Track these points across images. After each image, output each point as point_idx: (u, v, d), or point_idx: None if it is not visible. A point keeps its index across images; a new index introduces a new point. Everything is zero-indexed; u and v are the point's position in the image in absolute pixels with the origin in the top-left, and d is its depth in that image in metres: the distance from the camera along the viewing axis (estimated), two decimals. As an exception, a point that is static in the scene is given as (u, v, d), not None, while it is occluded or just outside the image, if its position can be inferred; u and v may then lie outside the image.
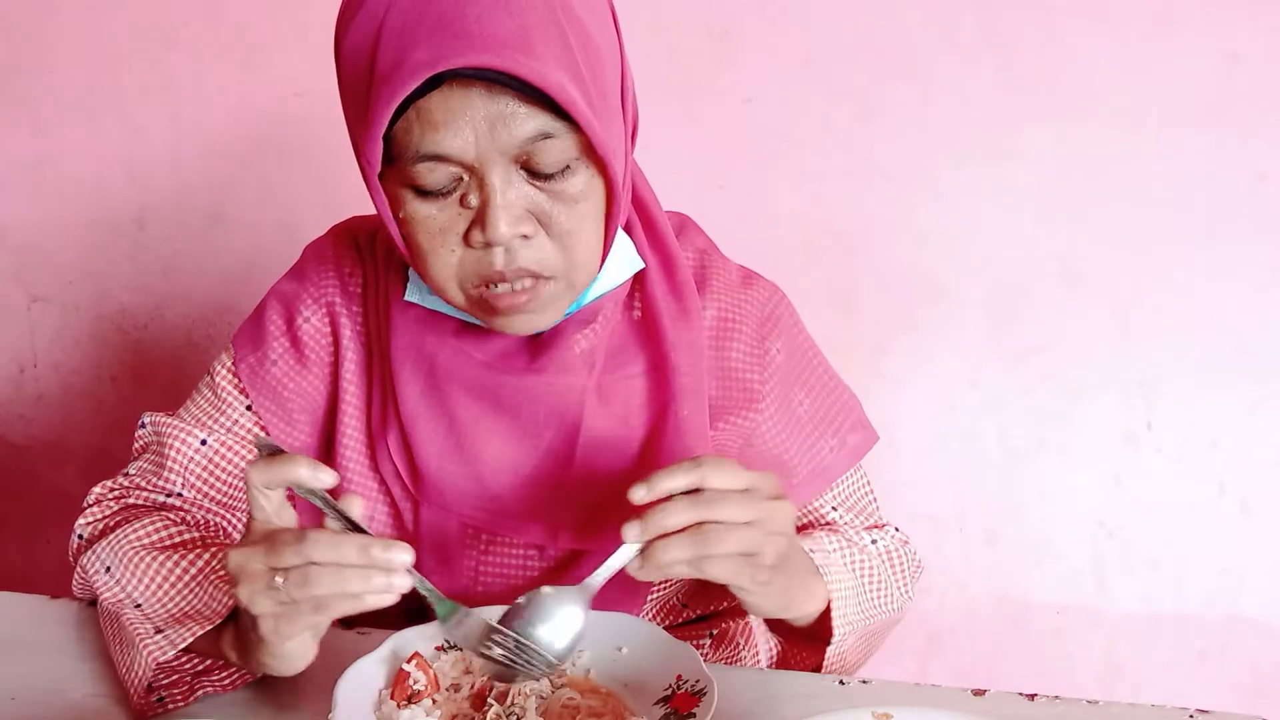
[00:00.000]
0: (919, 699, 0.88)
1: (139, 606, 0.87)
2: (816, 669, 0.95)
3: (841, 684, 0.90)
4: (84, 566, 0.94)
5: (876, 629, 0.99)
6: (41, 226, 1.87)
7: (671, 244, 0.97)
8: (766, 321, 1.00)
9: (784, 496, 0.80)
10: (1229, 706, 0.87)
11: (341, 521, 0.75)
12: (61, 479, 1.95)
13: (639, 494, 0.75)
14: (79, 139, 1.82)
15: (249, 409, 1.00)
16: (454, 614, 0.78)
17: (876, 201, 1.62)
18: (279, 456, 0.74)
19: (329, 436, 0.99)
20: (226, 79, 1.75)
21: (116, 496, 1.00)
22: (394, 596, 0.72)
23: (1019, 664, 1.72)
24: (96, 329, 1.90)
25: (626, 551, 0.76)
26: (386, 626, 0.92)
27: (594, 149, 0.81)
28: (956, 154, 1.58)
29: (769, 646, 1.07)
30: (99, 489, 1.00)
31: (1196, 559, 1.64)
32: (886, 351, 1.66)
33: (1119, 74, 1.53)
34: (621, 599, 0.92)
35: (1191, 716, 0.83)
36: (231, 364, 1.00)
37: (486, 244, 0.82)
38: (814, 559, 0.91)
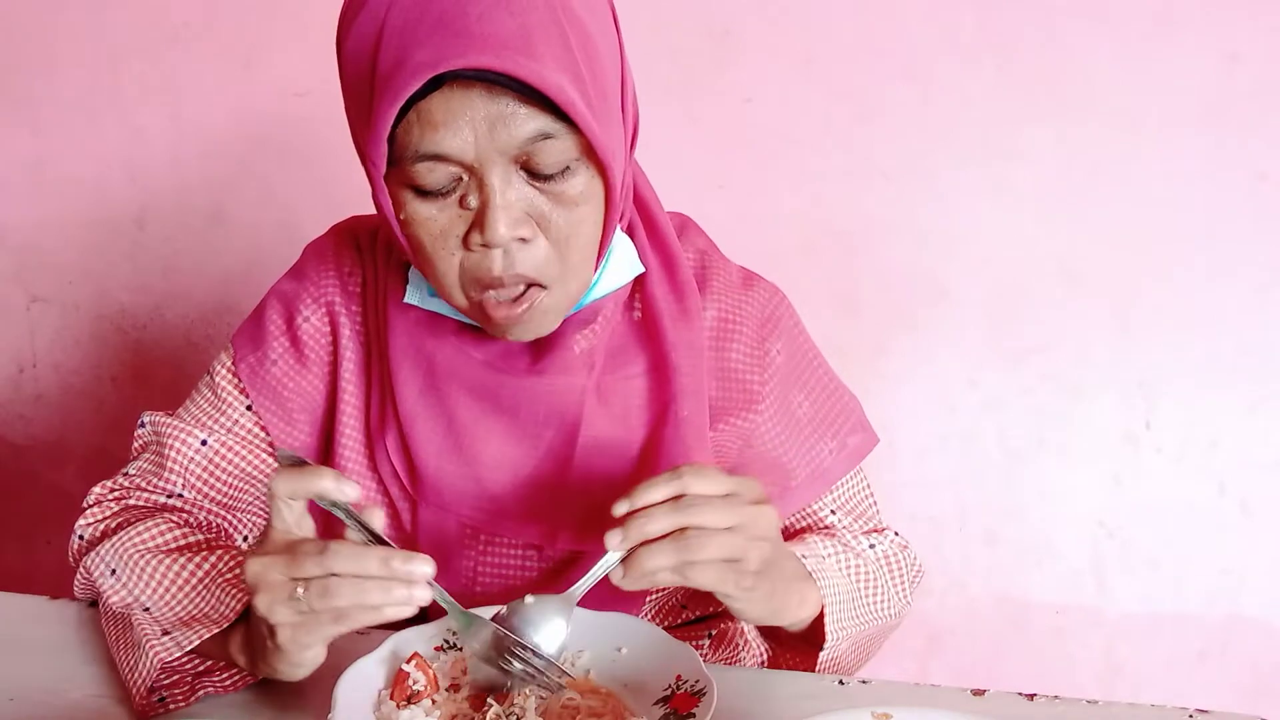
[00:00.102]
0: (919, 699, 0.88)
1: (147, 610, 0.88)
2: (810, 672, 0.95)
3: (841, 684, 0.89)
4: (87, 568, 0.94)
5: (873, 634, 0.98)
6: (41, 226, 1.87)
7: (673, 244, 0.97)
8: (767, 323, 1.00)
9: (767, 501, 0.80)
10: (1229, 706, 0.87)
11: (363, 533, 0.75)
12: (61, 479, 1.95)
13: (621, 507, 0.75)
14: (79, 139, 1.82)
15: (249, 409, 0.99)
16: (474, 626, 0.78)
17: (876, 201, 1.62)
18: (304, 468, 0.75)
19: (328, 436, 0.99)
20: (226, 79, 1.75)
21: (117, 498, 1.00)
22: (413, 609, 0.72)
23: (1019, 664, 1.72)
24: (96, 329, 1.90)
25: (610, 560, 0.76)
26: (386, 627, 0.92)
27: (594, 150, 0.81)
28: (956, 154, 1.59)
29: (760, 651, 1.07)
30: (99, 489, 1.00)
31: (1196, 559, 1.64)
32: (886, 351, 1.66)
33: (1119, 74, 1.53)
34: (620, 600, 0.92)
35: (1191, 716, 0.83)
36: (231, 363, 1.00)
37: (484, 245, 0.81)
38: (806, 564, 0.90)
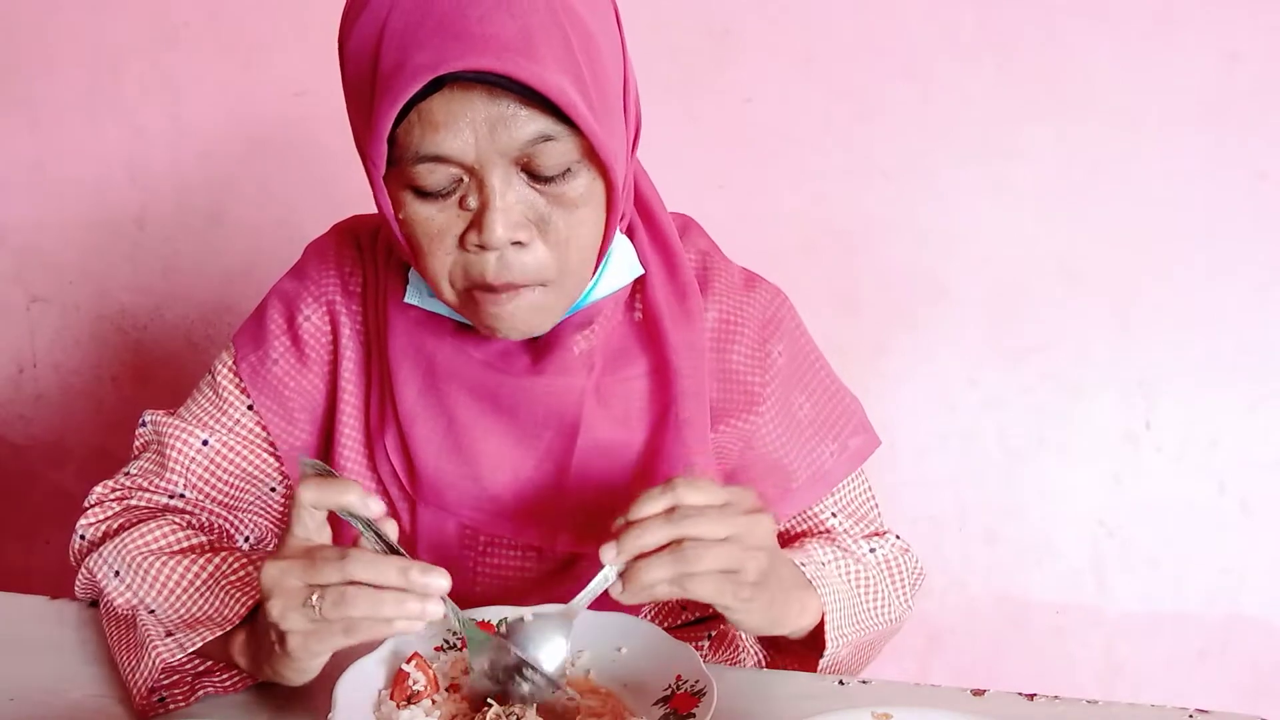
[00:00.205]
0: (919, 699, 0.88)
1: (152, 612, 0.88)
2: None
3: (841, 684, 0.89)
4: (90, 569, 0.94)
5: (873, 639, 0.98)
6: (41, 226, 1.87)
7: (675, 245, 0.97)
8: (768, 324, 0.99)
9: (762, 510, 0.79)
10: (1229, 706, 0.87)
11: (378, 543, 0.75)
12: (61, 479, 1.95)
13: (619, 525, 0.75)
14: (79, 139, 1.82)
15: (250, 408, 0.99)
16: (486, 646, 0.78)
17: (876, 201, 1.62)
18: (331, 480, 0.75)
19: (328, 436, 0.99)
20: (226, 79, 1.75)
21: (119, 498, 1.00)
22: (423, 624, 0.72)
23: (1019, 664, 1.72)
24: (96, 329, 1.90)
25: (608, 574, 0.76)
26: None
27: (595, 152, 0.80)
28: (956, 153, 1.58)
29: (758, 653, 1.07)
30: (100, 489, 1.00)
31: (1196, 558, 1.64)
32: (886, 351, 1.66)
33: (1119, 74, 1.53)
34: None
35: (1191, 716, 0.83)
36: (232, 363, 1.00)
37: (481, 247, 0.81)
38: (805, 571, 0.90)
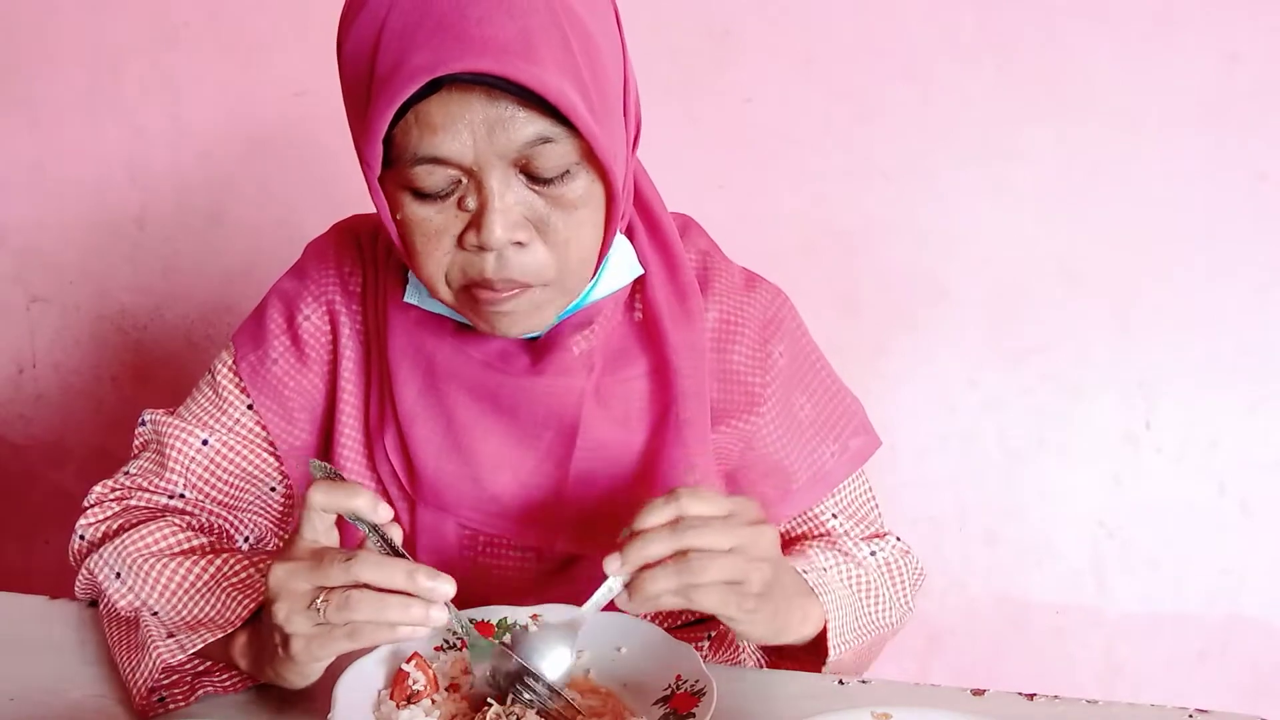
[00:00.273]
0: (919, 699, 0.88)
1: (155, 614, 0.88)
2: None
3: (841, 684, 0.89)
4: (90, 570, 0.94)
5: (874, 642, 0.99)
6: (41, 226, 1.87)
7: (675, 245, 0.97)
8: (769, 324, 0.99)
9: (765, 521, 0.80)
10: (1229, 706, 0.86)
11: (383, 546, 0.75)
12: (61, 479, 1.95)
13: (624, 536, 0.76)
14: (79, 139, 1.82)
15: (250, 408, 0.99)
16: (489, 653, 0.79)
17: (876, 201, 1.62)
18: (341, 484, 0.75)
19: (328, 436, 0.99)
20: (226, 79, 1.75)
21: (118, 498, 1.00)
22: (426, 631, 0.72)
23: (1019, 664, 1.72)
24: (96, 329, 1.90)
25: (611, 585, 0.77)
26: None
27: (594, 154, 0.80)
28: (956, 154, 1.58)
29: (757, 654, 1.07)
30: (99, 488, 1.00)
31: (1196, 559, 1.64)
32: (886, 351, 1.66)
33: (1119, 74, 1.53)
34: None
35: (1191, 716, 0.83)
36: (232, 362, 1.00)
37: (480, 247, 0.81)
38: (807, 579, 0.90)
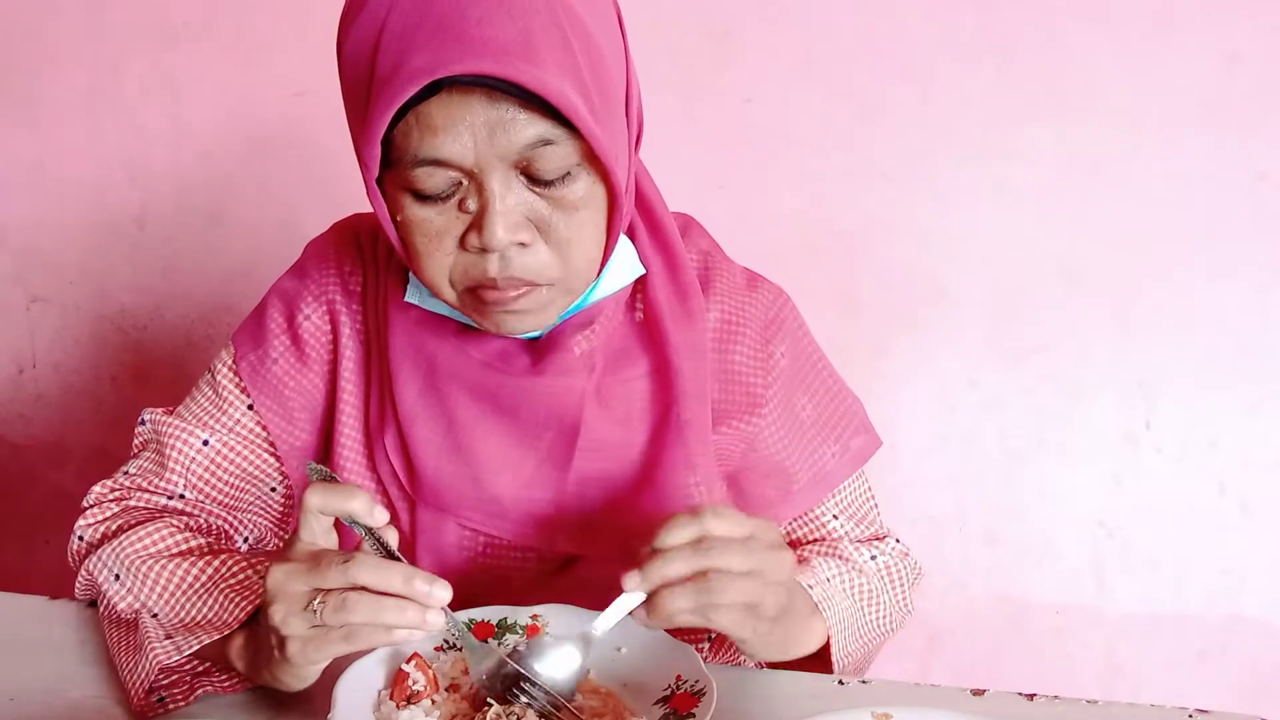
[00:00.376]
0: (919, 699, 0.88)
1: (155, 616, 0.88)
2: None
3: (841, 684, 0.89)
4: (90, 571, 0.94)
5: (872, 647, 0.99)
6: (41, 226, 1.87)
7: (677, 245, 0.96)
8: (771, 325, 0.99)
9: (784, 546, 0.80)
10: (1229, 706, 0.86)
11: (381, 550, 0.75)
12: (61, 479, 1.95)
13: (646, 552, 0.76)
14: (79, 139, 1.82)
15: (250, 408, 0.99)
16: (485, 657, 0.79)
17: (877, 201, 1.62)
18: (338, 486, 0.75)
19: (328, 436, 0.99)
20: (226, 79, 1.75)
21: (117, 498, 1.00)
22: (422, 634, 0.72)
23: (1019, 664, 1.72)
24: (96, 329, 1.90)
25: (629, 600, 0.77)
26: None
27: (596, 155, 0.80)
28: (956, 154, 1.58)
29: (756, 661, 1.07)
30: (99, 488, 1.00)
31: (1196, 559, 1.64)
32: (887, 352, 1.66)
33: (1119, 74, 1.53)
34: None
35: (1191, 716, 0.83)
36: (232, 362, 1.00)
37: (482, 249, 0.81)
38: (812, 593, 0.91)
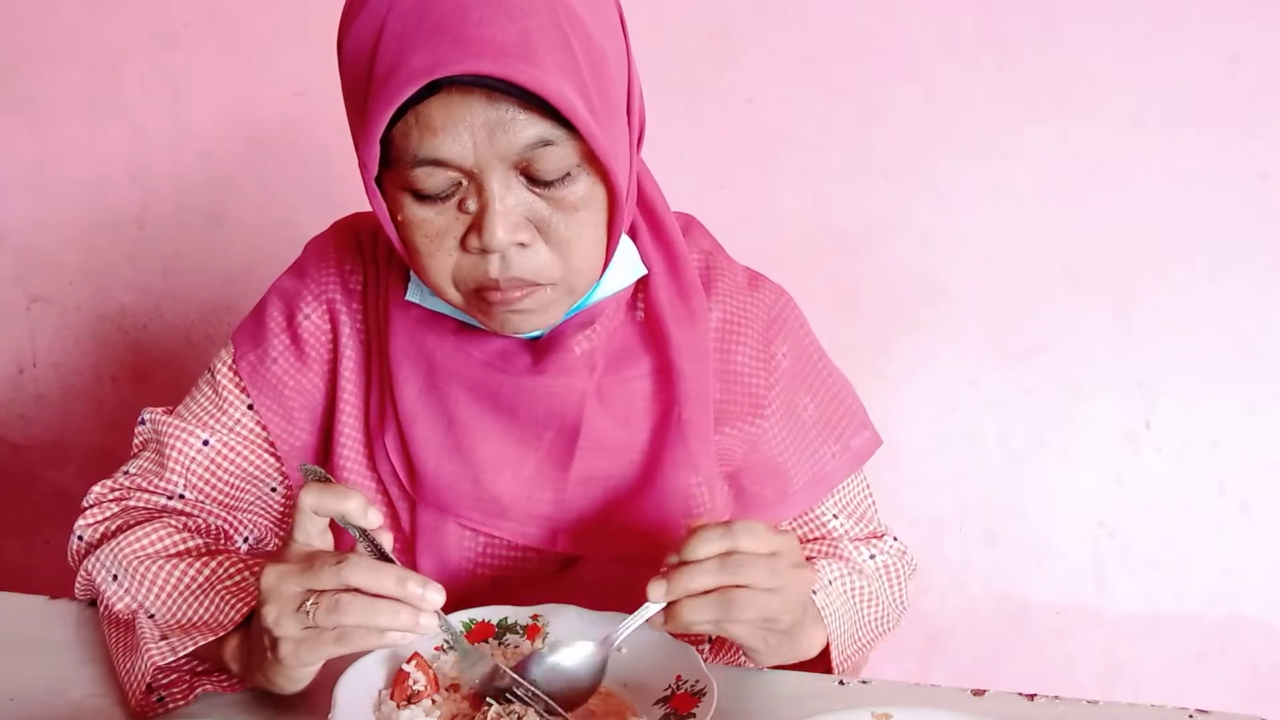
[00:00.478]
0: (919, 699, 0.88)
1: (152, 616, 0.88)
2: None
3: (841, 684, 0.89)
4: (89, 571, 0.94)
5: (869, 646, 0.99)
6: (41, 226, 1.87)
7: (678, 245, 0.96)
8: (772, 325, 0.99)
9: (806, 564, 0.81)
10: (1229, 706, 0.86)
11: (374, 552, 0.75)
12: (61, 479, 1.95)
13: (672, 563, 0.76)
14: (79, 139, 1.82)
15: (250, 408, 0.99)
16: (477, 660, 0.79)
17: (877, 201, 1.62)
18: (333, 487, 0.75)
19: (328, 435, 0.99)
20: (226, 79, 1.75)
21: (117, 498, 0.99)
22: (415, 637, 0.72)
23: (1019, 664, 1.72)
24: (96, 329, 1.90)
25: (650, 609, 0.77)
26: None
27: (596, 156, 0.79)
28: (957, 154, 1.58)
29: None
30: (98, 488, 1.00)
31: (1196, 559, 1.64)
32: (887, 351, 1.66)
33: (1119, 74, 1.53)
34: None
35: (1191, 716, 0.83)
36: (232, 361, 1.00)
37: (483, 250, 0.81)
38: (815, 599, 0.91)
